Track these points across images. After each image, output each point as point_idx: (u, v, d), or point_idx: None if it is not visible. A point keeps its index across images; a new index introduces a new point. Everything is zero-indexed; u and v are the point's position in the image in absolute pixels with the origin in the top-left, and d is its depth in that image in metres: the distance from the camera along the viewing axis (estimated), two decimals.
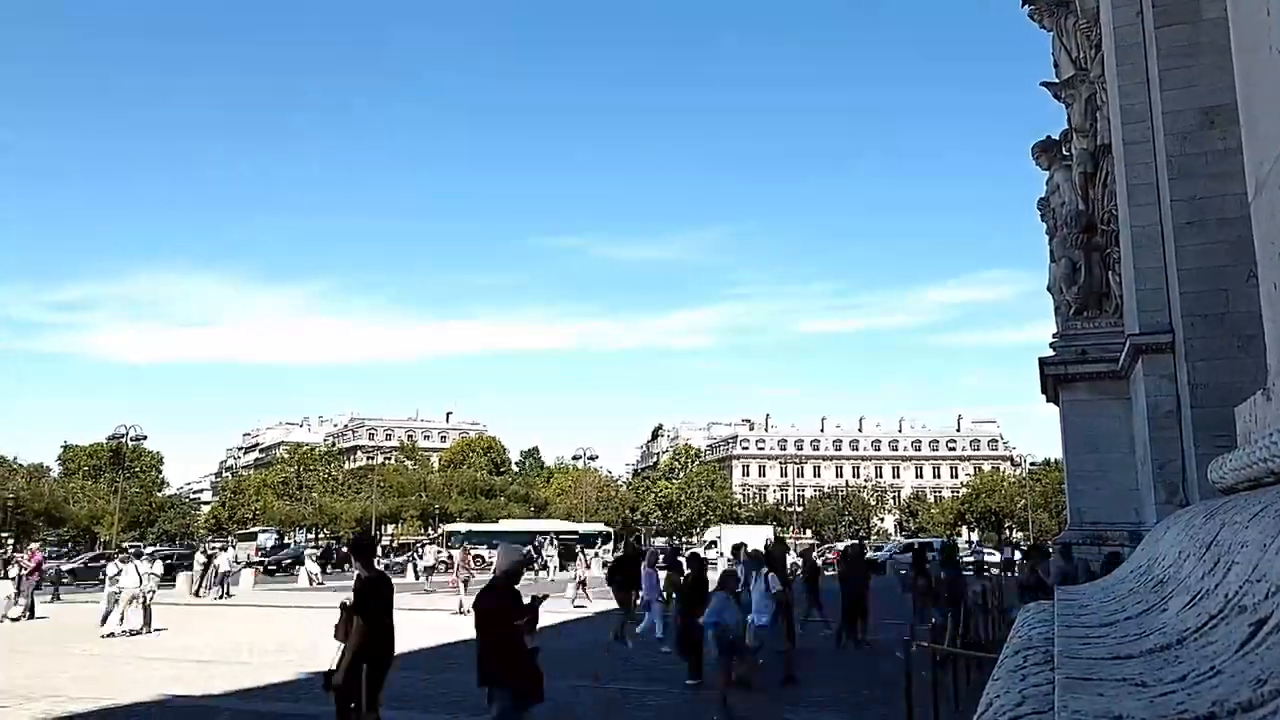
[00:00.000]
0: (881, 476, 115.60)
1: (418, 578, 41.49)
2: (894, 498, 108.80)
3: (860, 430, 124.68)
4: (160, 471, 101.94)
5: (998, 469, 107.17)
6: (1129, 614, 2.25)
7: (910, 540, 52.41)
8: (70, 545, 73.84)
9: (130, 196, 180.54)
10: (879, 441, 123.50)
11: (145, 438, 74.54)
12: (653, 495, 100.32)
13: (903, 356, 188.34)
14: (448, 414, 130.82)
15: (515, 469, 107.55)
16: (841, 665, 14.87)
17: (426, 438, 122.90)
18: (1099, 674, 1.54)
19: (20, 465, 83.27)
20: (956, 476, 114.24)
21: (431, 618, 22.80)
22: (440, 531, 61.76)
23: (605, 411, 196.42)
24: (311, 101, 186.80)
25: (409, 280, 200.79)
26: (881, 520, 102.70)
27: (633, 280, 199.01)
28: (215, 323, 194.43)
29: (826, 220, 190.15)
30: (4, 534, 68.08)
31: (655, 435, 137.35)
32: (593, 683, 12.82)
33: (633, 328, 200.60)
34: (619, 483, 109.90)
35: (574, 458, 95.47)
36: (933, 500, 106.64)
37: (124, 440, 71.95)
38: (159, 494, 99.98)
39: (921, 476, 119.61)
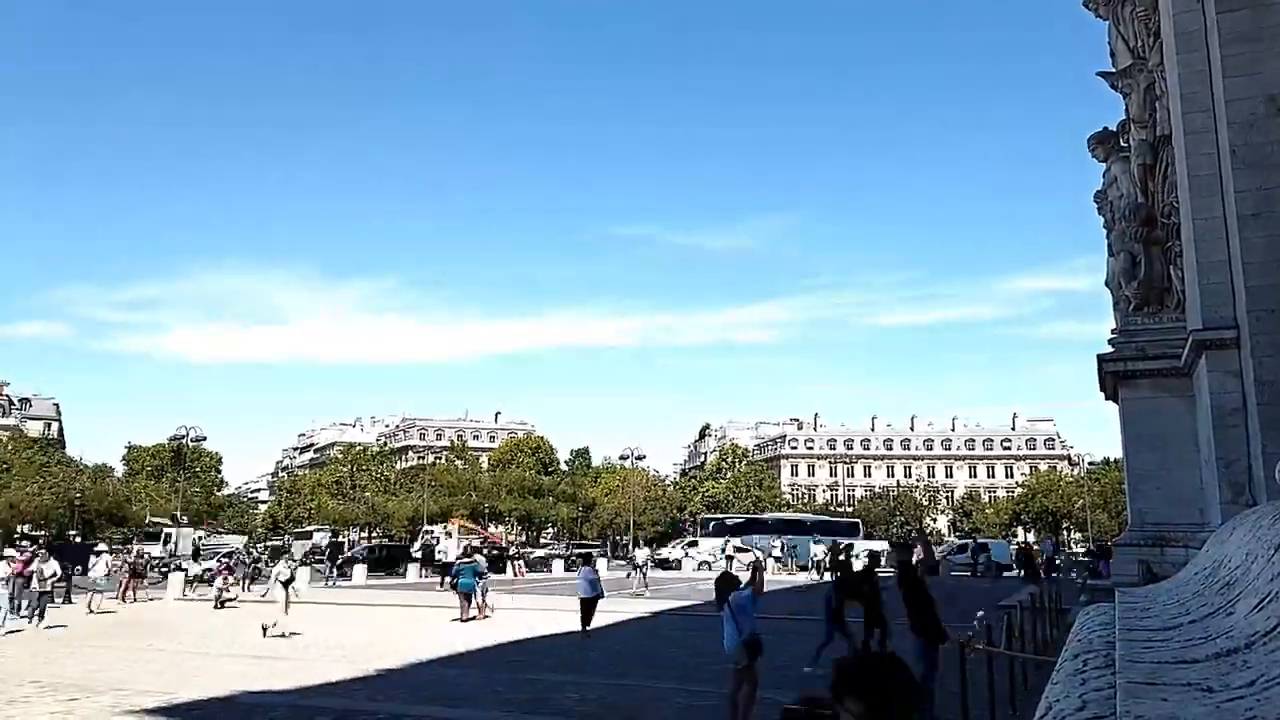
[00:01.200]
0: (934, 476, 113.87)
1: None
2: (947, 498, 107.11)
3: (912, 429, 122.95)
4: (219, 471, 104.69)
5: (1055, 468, 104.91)
6: (1194, 617, 2.18)
7: (965, 541, 51.51)
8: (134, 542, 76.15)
9: (197, 194, 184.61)
10: (931, 440, 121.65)
11: (205, 438, 76.72)
12: (700, 495, 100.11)
13: (983, 349, 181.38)
14: (496, 414, 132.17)
15: (563, 469, 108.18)
16: None
17: (476, 438, 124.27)
18: (1163, 678, 1.50)
19: (86, 466, 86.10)
20: (1011, 476, 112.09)
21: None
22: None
23: (654, 411, 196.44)
24: (375, 97, 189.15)
25: (475, 275, 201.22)
26: (934, 521, 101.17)
27: (703, 270, 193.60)
28: (280, 321, 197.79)
29: (908, 205, 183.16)
30: (70, 532, 70.46)
31: (703, 435, 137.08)
32: None
33: (698, 322, 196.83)
34: (666, 483, 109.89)
35: (621, 457, 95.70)
36: (987, 500, 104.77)
37: (185, 441, 74.00)
38: (218, 493, 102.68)
39: (975, 476, 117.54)
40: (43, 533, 70.76)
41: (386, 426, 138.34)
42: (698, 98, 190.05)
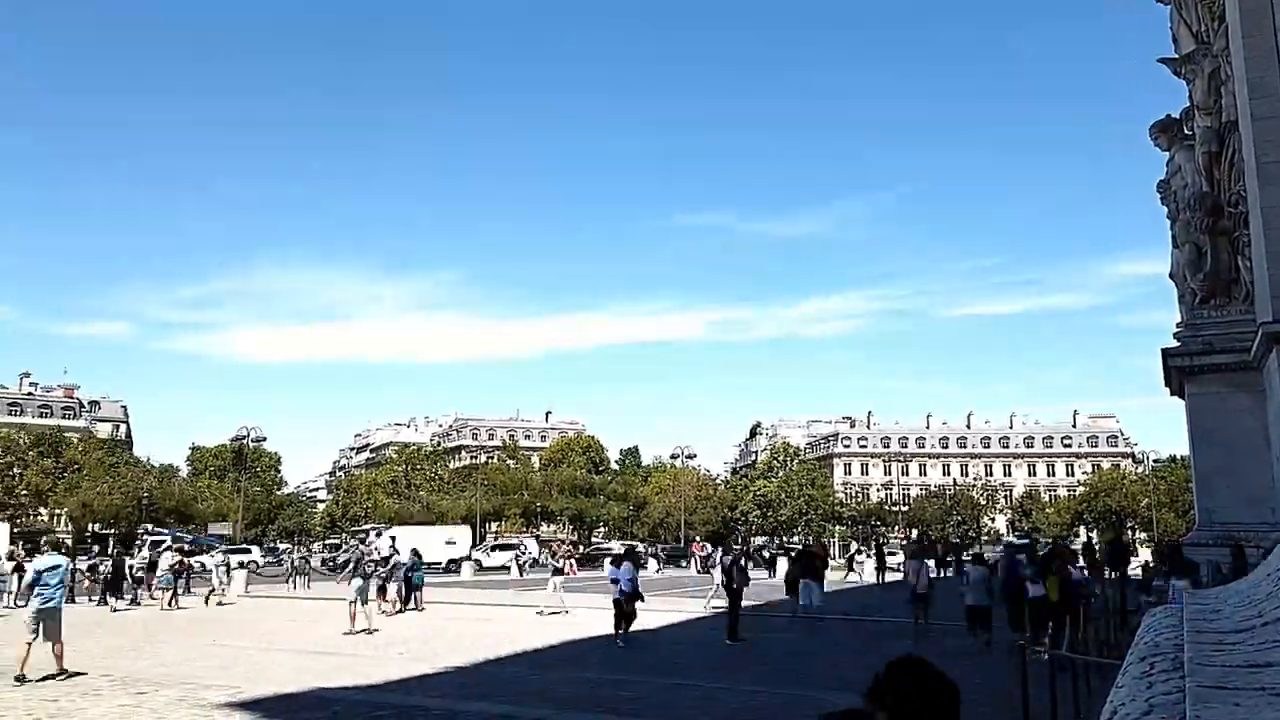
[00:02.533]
0: (992, 475, 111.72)
1: (522, 574, 42.42)
2: (1005, 497, 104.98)
3: (968, 427, 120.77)
4: (279, 471, 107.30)
5: (1118, 466, 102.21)
6: (1267, 619, 2.11)
7: (1023, 540, 50.48)
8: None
9: (262, 191, 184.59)
10: (988, 438, 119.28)
11: (265, 439, 78.76)
12: (751, 494, 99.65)
13: (1078, 338, 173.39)
14: (547, 413, 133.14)
15: (614, 468, 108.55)
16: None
17: (527, 437, 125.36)
18: (1234, 683, 1.45)
19: (153, 466, 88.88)
20: (1073, 474, 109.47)
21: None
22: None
23: (705, 408, 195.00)
24: (439, 92, 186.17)
25: (536, 270, 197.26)
26: (992, 520, 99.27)
27: (777, 260, 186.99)
28: (340, 318, 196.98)
29: (998, 184, 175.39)
30: (139, 531, 72.77)
31: (754, 433, 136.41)
32: None
33: (771, 314, 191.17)
34: (717, 482, 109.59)
35: (672, 456, 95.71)
36: (1047, 499, 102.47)
37: (245, 442, 76.05)
38: (278, 492, 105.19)
39: (1035, 475, 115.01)
40: (113, 530, 73.25)
41: (440, 426, 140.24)
42: (778, 74, 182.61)
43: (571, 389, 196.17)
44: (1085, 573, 16.98)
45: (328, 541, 72.25)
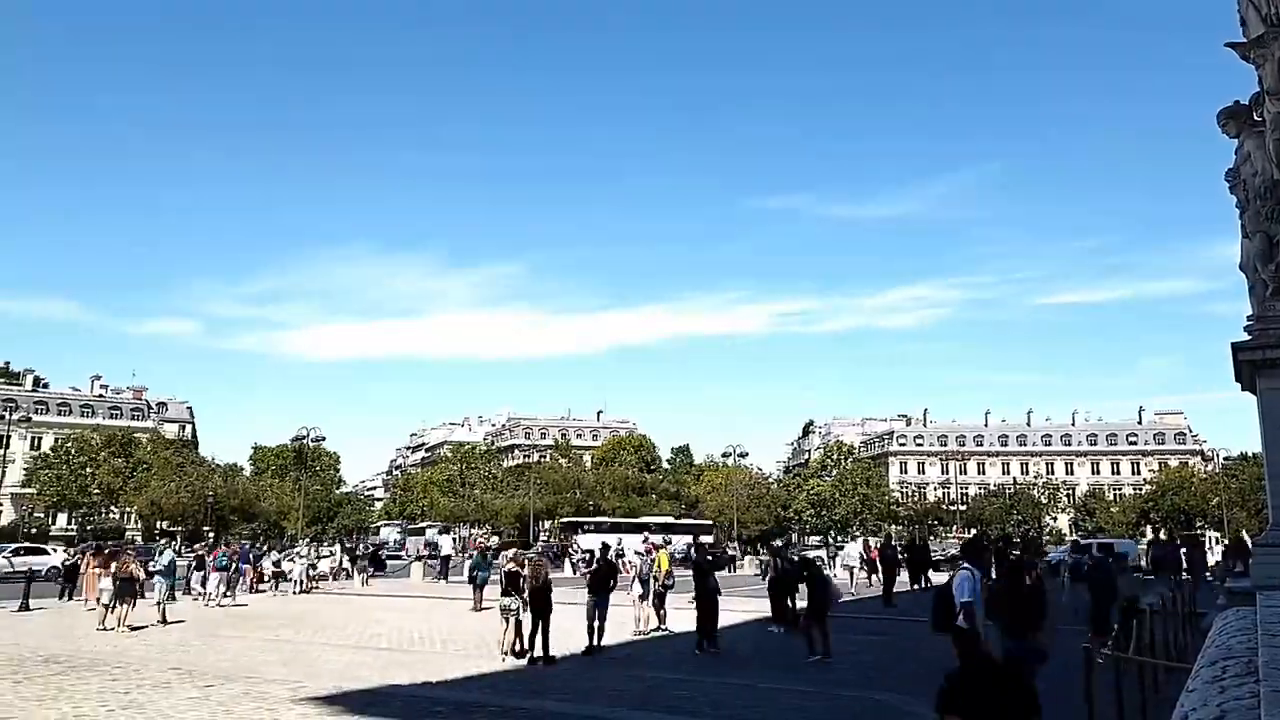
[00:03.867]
0: (1053, 473, 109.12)
1: (575, 571, 42.65)
2: (1068, 495, 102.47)
3: (1029, 425, 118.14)
4: (338, 470, 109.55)
5: (1186, 464, 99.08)
6: None
7: (1087, 541, 49.24)
8: (262, 538, 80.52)
9: (326, 181, 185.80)
10: (1050, 436, 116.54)
11: (324, 439, 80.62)
12: (804, 493, 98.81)
13: (1181, 327, 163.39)
14: (598, 413, 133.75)
15: (665, 466, 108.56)
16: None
17: (579, 436, 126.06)
18: None
19: (218, 465, 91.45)
20: (1139, 473, 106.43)
21: None
22: None
23: (757, 407, 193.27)
24: (499, 72, 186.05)
25: (608, 260, 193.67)
26: (1054, 520, 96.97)
27: (858, 245, 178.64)
28: (401, 314, 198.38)
29: (1094, 155, 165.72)
30: (205, 528, 74.98)
31: (806, 432, 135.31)
32: None
33: (847, 304, 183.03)
34: (770, 480, 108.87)
35: (723, 455, 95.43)
36: (1112, 498, 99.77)
37: (305, 442, 77.86)
38: (337, 491, 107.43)
39: (1099, 473, 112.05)
40: (180, 528, 75.56)
41: (493, 426, 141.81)
42: (860, 37, 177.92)
43: (626, 385, 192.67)
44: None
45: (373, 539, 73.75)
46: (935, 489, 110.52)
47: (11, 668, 13.75)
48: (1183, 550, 36.38)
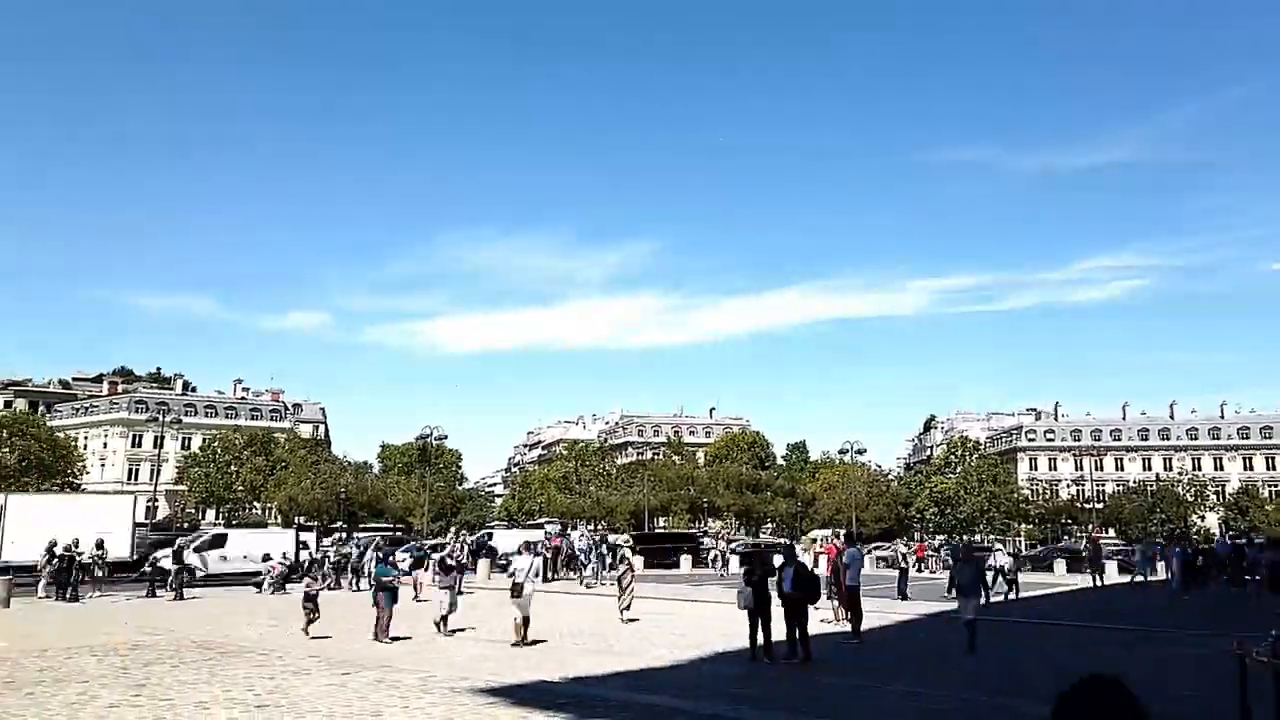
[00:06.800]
0: (1200, 469, 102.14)
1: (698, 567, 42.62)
2: (1217, 492, 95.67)
3: (1171, 417, 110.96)
4: (460, 467, 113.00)
5: None
6: None
7: (1240, 540, 45.80)
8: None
9: (456, 159, 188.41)
10: (1195, 429, 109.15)
11: (446, 437, 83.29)
12: (927, 491, 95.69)
13: None
14: (711, 410, 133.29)
15: (781, 463, 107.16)
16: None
17: (691, 433, 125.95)
18: None
19: (349, 463, 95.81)
20: None
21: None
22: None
23: (873, 403, 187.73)
24: (627, 38, 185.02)
25: (751, 235, 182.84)
26: (1202, 518, 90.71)
27: (1046, 210, 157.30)
28: (528, 304, 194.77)
29: None
30: (337, 524, 78.65)
31: (927, 427, 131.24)
32: None
33: (1036, 279, 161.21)
34: (889, 477, 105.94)
35: (840, 451, 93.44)
36: (1267, 495, 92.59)
37: (429, 440, 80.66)
38: (459, 488, 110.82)
39: (1251, 469, 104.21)
40: (315, 522, 79.52)
41: (606, 424, 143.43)
42: None
43: (744, 379, 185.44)
44: None
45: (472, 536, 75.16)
46: (1068, 486, 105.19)
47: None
48: None
